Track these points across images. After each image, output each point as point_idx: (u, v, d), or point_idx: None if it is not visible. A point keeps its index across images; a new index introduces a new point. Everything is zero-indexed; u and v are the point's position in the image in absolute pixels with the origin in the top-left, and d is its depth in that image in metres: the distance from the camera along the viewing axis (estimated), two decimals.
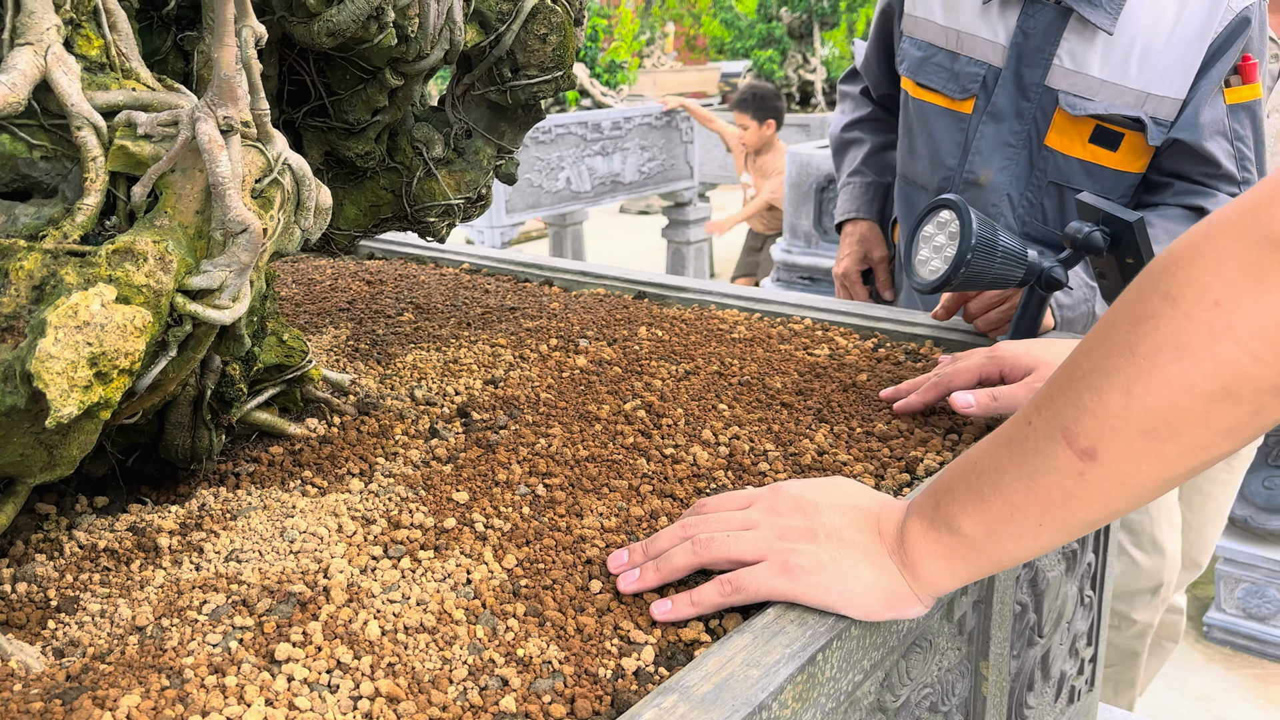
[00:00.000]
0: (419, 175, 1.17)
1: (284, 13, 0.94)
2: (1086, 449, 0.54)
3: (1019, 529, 0.58)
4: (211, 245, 0.71)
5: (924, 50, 1.51)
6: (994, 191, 1.47)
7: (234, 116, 0.69)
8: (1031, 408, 0.58)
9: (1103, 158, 1.39)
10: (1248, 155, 1.32)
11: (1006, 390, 0.89)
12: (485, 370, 1.15)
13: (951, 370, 0.94)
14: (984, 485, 0.59)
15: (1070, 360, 0.57)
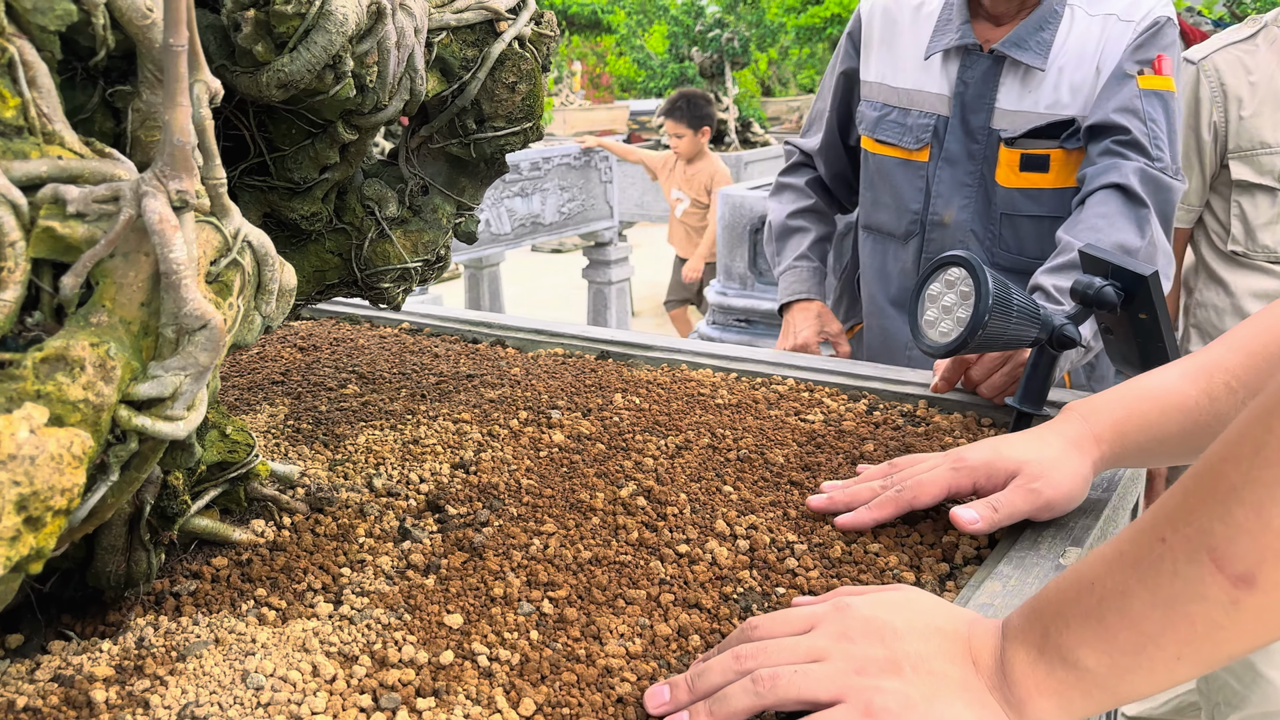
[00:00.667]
0: (371, 237, 1.06)
1: (224, 61, 0.82)
2: (1242, 574, 0.46)
3: (1152, 662, 0.50)
4: (161, 344, 0.58)
5: (879, 110, 1.60)
6: (959, 229, 1.55)
7: (188, 190, 0.57)
8: (1163, 522, 0.50)
9: (1038, 181, 1.47)
10: (1160, 137, 1.35)
11: (1004, 500, 0.80)
12: (452, 452, 1.03)
13: (914, 484, 0.84)
14: (1108, 612, 0.51)
15: (1212, 469, 0.49)
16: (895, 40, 1.57)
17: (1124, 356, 1.04)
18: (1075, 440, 0.83)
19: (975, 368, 1.09)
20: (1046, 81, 1.42)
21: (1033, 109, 1.43)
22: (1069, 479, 0.81)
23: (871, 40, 1.60)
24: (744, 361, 1.30)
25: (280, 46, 0.80)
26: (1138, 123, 1.35)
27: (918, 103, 1.54)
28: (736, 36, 5.70)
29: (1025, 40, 1.42)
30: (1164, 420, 0.81)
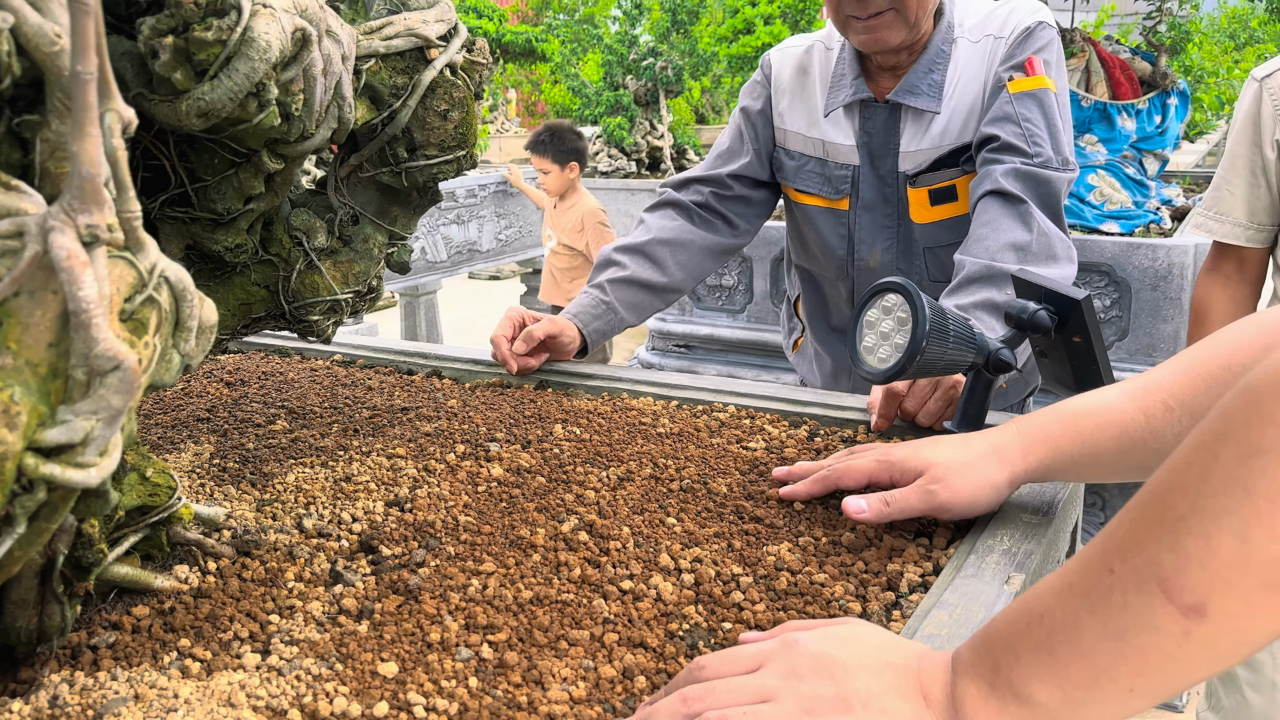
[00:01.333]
0: (299, 268, 1.03)
1: (142, 89, 0.79)
2: (1193, 605, 0.46)
3: (1105, 694, 0.50)
4: (71, 387, 0.55)
5: (796, 160, 1.61)
6: (884, 269, 1.58)
7: (99, 224, 0.54)
8: (1112, 552, 0.50)
9: (951, 210, 1.50)
10: (1037, 133, 1.38)
11: (898, 496, 0.85)
12: (386, 489, 1.00)
13: (842, 468, 0.91)
14: (1058, 645, 0.51)
15: (1158, 497, 0.49)
16: (807, 91, 1.59)
17: (1058, 379, 1.05)
18: (999, 448, 0.85)
19: (908, 399, 1.09)
20: (942, 119, 1.47)
21: (933, 145, 1.48)
22: (973, 485, 0.83)
23: (783, 89, 1.61)
24: (685, 389, 1.29)
25: (200, 74, 0.77)
26: (1010, 126, 1.38)
27: (832, 154, 1.57)
28: (670, 65, 5.75)
29: (916, 86, 1.46)
30: (1098, 435, 0.82)
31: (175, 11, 0.77)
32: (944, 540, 0.87)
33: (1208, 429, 0.48)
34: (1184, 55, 4.63)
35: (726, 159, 1.66)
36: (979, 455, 0.85)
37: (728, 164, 1.65)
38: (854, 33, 1.44)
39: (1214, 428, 0.47)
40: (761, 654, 0.60)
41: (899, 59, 1.48)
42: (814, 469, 0.96)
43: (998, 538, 0.83)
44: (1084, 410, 0.83)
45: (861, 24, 1.41)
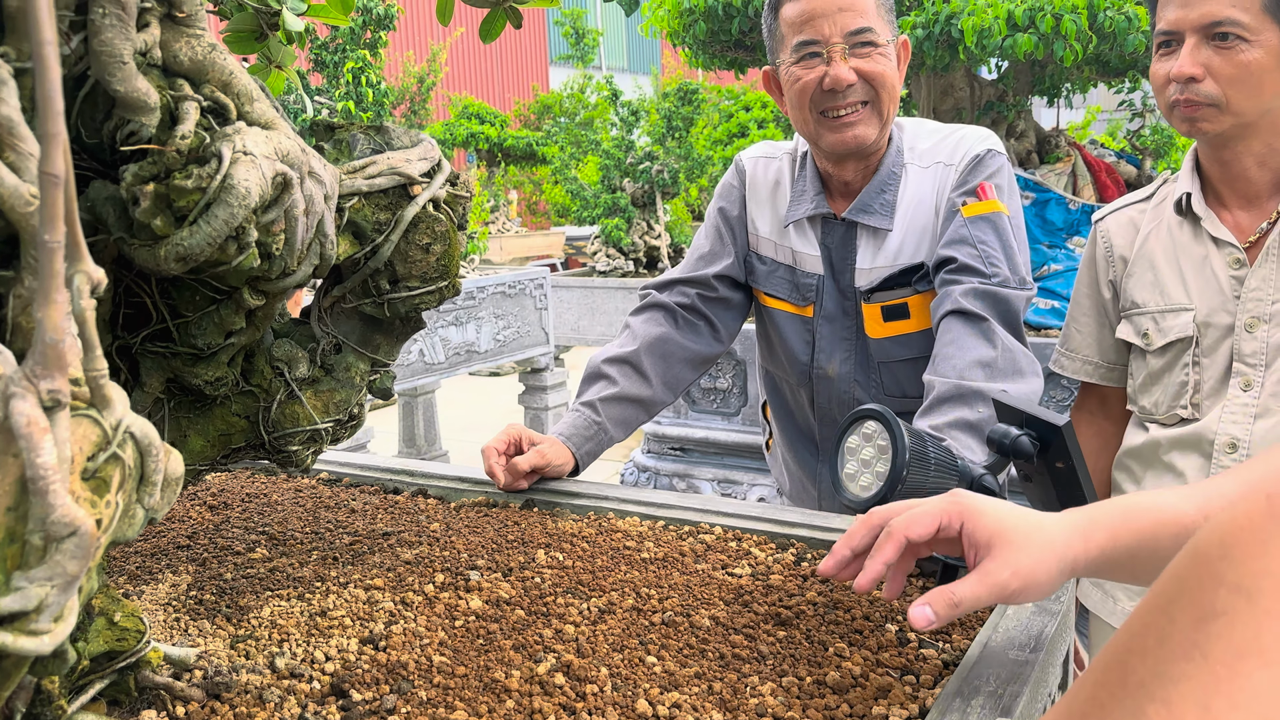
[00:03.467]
0: (279, 398, 1.03)
1: (123, 233, 0.81)
2: None
3: None
4: (28, 552, 0.54)
5: (768, 265, 1.64)
6: (843, 380, 1.60)
7: (61, 389, 0.54)
8: (1077, 715, 0.48)
9: (903, 328, 1.53)
10: (993, 254, 1.41)
11: (967, 593, 0.77)
12: (361, 624, 0.98)
13: (908, 517, 0.82)
14: None
15: (1118, 660, 0.47)
16: (777, 201, 1.62)
17: (1044, 503, 1.04)
18: (1065, 530, 0.80)
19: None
20: (894, 236, 1.51)
21: (887, 263, 1.51)
22: (1041, 572, 0.78)
23: (756, 195, 1.64)
24: (672, 509, 1.27)
25: (180, 220, 0.78)
26: (966, 248, 1.41)
27: (801, 262, 1.60)
28: (666, 169, 5.88)
29: (870, 205, 1.50)
30: (1158, 532, 0.80)
31: (157, 159, 0.79)
32: (931, 679, 0.85)
33: (1162, 590, 0.47)
34: (1168, 158, 4.73)
35: (709, 260, 1.67)
36: (1050, 537, 0.79)
37: (710, 265, 1.67)
38: (828, 131, 1.46)
39: (1168, 589, 0.46)
40: None
41: (855, 174, 1.52)
42: (860, 533, 0.86)
43: (984, 678, 0.81)
44: (1143, 506, 0.81)
45: (836, 121, 1.44)
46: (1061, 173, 3.33)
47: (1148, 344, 1.45)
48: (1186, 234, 1.42)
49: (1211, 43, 1.29)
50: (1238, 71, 1.28)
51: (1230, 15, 1.27)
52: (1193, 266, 1.40)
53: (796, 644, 0.91)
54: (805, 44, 1.42)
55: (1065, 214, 3.11)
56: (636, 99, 6.86)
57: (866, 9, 1.41)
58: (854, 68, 1.41)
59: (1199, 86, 1.30)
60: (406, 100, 10.51)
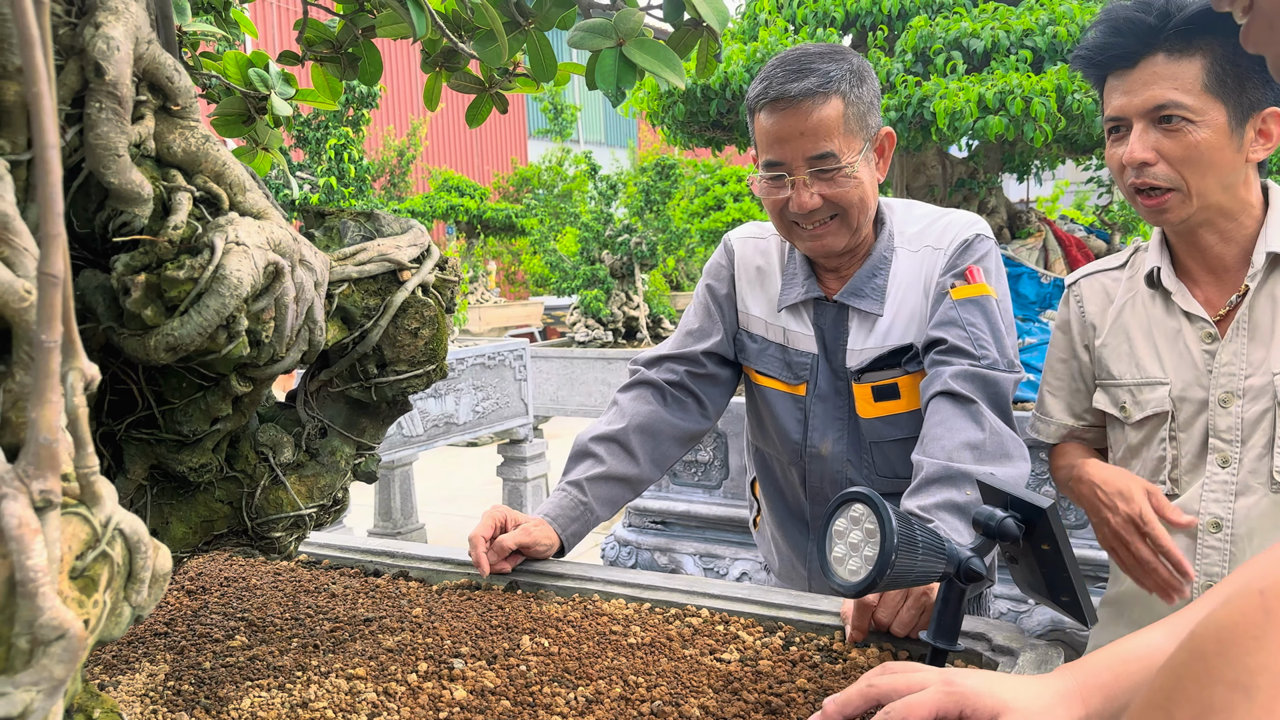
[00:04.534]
0: (264, 484, 1.02)
1: (112, 323, 0.81)
2: None
3: None
4: (13, 655, 0.53)
5: (758, 343, 1.64)
6: (835, 459, 1.59)
7: (53, 489, 0.54)
8: None
9: (893, 408, 1.53)
10: (981, 336, 1.42)
11: None
12: (343, 717, 0.96)
13: (904, 707, 0.82)
14: None
15: None
16: (766, 282, 1.63)
17: (1031, 585, 1.04)
18: (1064, 695, 0.83)
19: (880, 609, 1.08)
20: (884, 319, 1.52)
21: (877, 345, 1.52)
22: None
23: (745, 276, 1.66)
24: (657, 590, 1.26)
25: (171, 310, 0.78)
26: (956, 330, 1.43)
27: (794, 341, 1.60)
28: (644, 241, 5.95)
29: (861, 289, 1.52)
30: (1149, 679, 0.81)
31: (149, 249, 0.80)
32: None
33: (1160, 686, 0.47)
34: (1137, 232, 4.84)
35: (698, 337, 1.68)
36: (1051, 705, 0.81)
37: (699, 342, 1.67)
38: (799, 240, 1.49)
39: (1166, 685, 0.46)
40: None
41: (842, 262, 1.54)
42: (856, 701, 0.86)
43: None
44: (1133, 655, 0.83)
45: (807, 233, 1.46)
46: (1033, 248, 3.40)
47: (1126, 416, 1.45)
48: (1159, 307, 1.42)
49: (1158, 126, 1.29)
50: (1188, 153, 1.28)
51: (1172, 98, 1.27)
52: (1166, 340, 1.39)
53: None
54: (771, 164, 1.44)
55: (1038, 288, 3.17)
56: (614, 173, 6.95)
57: (830, 130, 1.40)
58: (817, 192, 1.42)
59: (1154, 170, 1.30)
60: (386, 173, 10.62)
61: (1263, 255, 1.31)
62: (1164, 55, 1.28)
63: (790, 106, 1.39)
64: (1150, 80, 1.29)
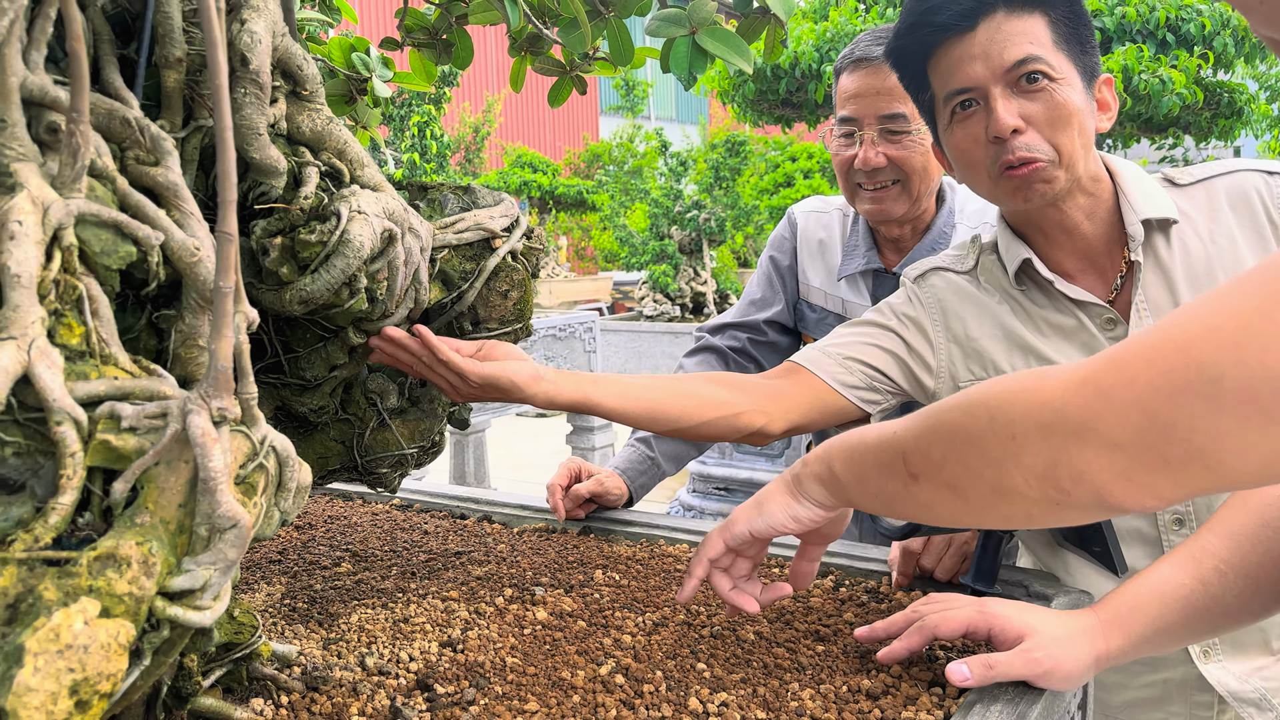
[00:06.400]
0: (372, 426, 1.15)
1: (252, 280, 0.94)
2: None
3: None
4: (195, 541, 0.66)
5: (818, 314, 1.73)
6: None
7: (228, 408, 0.66)
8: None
9: None
10: None
11: (1002, 661, 0.88)
12: (440, 630, 1.09)
13: (938, 618, 0.94)
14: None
15: None
16: (827, 254, 1.73)
17: (1063, 534, 1.12)
18: (1087, 629, 0.92)
19: (924, 556, 1.17)
20: None
21: None
22: (1072, 659, 0.89)
23: (807, 248, 1.75)
24: None
25: (303, 268, 0.91)
26: None
27: (851, 311, 1.68)
28: (713, 217, 6.03)
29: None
30: (1164, 611, 0.91)
31: (284, 216, 0.93)
32: (956, 689, 0.93)
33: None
34: None
35: (760, 306, 1.79)
36: (1075, 633, 0.91)
37: (761, 311, 1.78)
38: (861, 202, 1.58)
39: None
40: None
41: (903, 233, 1.61)
42: (899, 622, 0.98)
43: (1004, 687, 0.90)
44: (1147, 590, 0.92)
45: (869, 195, 1.55)
46: None
47: None
48: (1038, 304, 1.23)
49: (1019, 89, 1.12)
50: (1057, 113, 1.11)
51: (1032, 52, 1.11)
52: (1062, 336, 1.21)
53: (834, 657, 1.00)
54: (845, 120, 1.54)
55: None
56: (684, 149, 7.03)
57: (904, 93, 1.42)
58: (883, 151, 1.50)
59: (1023, 139, 1.12)
60: (462, 149, 10.86)
61: (1138, 225, 1.16)
62: (1004, 11, 1.12)
63: (870, 66, 1.49)
64: (1000, 39, 1.11)
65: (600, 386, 1.18)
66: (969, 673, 0.87)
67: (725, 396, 1.25)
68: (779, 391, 1.29)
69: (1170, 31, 3.34)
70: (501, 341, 1.13)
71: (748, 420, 1.24)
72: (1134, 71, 2.77)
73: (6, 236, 0.64)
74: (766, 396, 1.27)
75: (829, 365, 1.30)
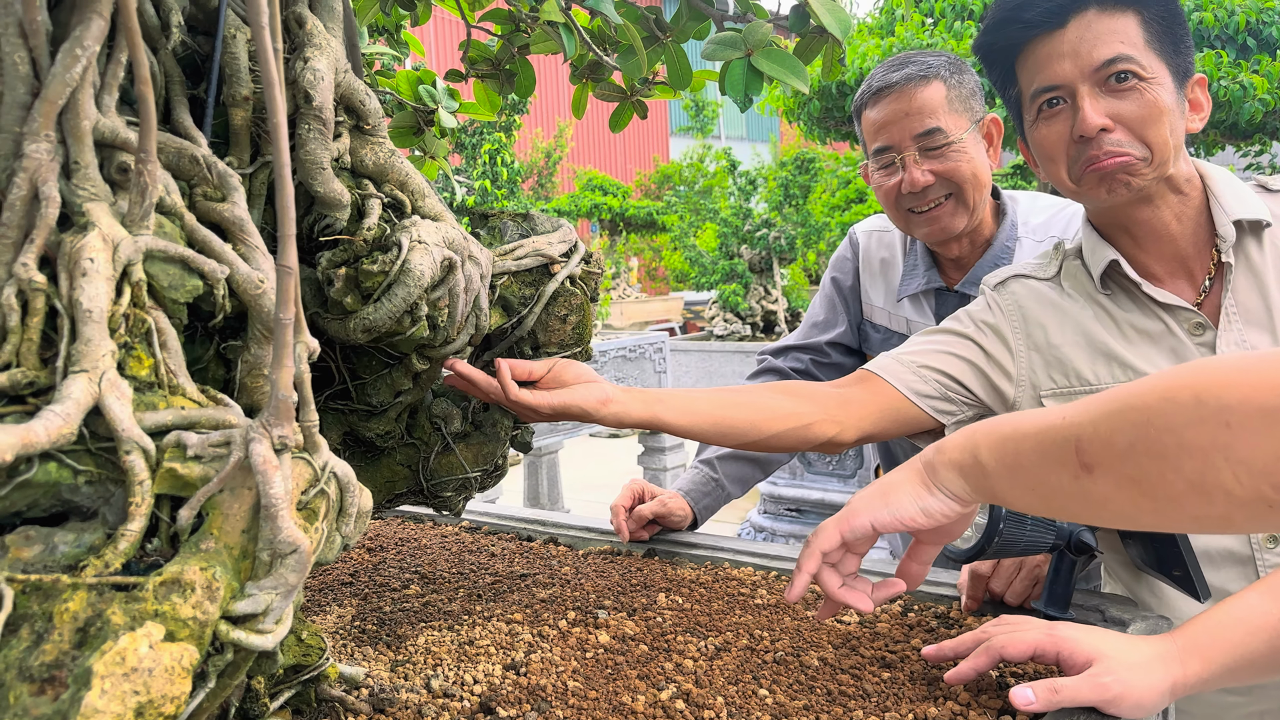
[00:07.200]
0: (436, 450, 1.17)
1: (318, 309, 0.96)
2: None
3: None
4: (257, 566, 0.68)
5: (881, 334, 1.70)
6: None
7: (289, 436, 0.68)
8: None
9: None
10: None
11: (1069, 685, 0.85)
12: (504, 653, 1.10)
13: (1006, 639, 0.91)
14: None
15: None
16: (889, 274, 1.70)
17: (1143, 559, 1.08)
18: (1163, 655, 0.87)
19: (994, 580, 1.14)
20: None
21: None
22: (1143, 686, 0.85)
23: (869, 268, 1.72)
24: (784, 560, 1.36)
25: (366, 298, 0.93)
26: None
27: (915, 330, 1.63)
28: (783, 235, 6.00)
29: (982, 279, 1.51)
30: (1250, 641, 0.87)
31: (348, 247, 0.95)
32: (1026, 718, 0.90)
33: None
34: None
35: (823, 328, 1.77)
36: (1149, 658, 0.86)
37: (824, 333, 1.76)
38: (917, 227, 1.54)
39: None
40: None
41: (963, 250, 1.57)
42: (967, 643, 0.96)
43: (1074, 715, 0.87)
44: (1233, 620, 0.87)
45: (924, 217, 1.51)
46: None
47: None
48: (1123, 308, 1.20)
49: (1108, 88, 1.11)
50: (1148, 112, 1.10)
51: (1122, 52, 1.10)
52: (1149, 342, 1.18)
53: (900, 685, 0.98)
54: (881, 150, 1.50)
55: None
56: (754, 168, 7.02)
57: (935, 108, 1.45)
58: (929, 169, 1.46)
59: (1112, 137, 1.11)
60: (534, 175, 11.02)
61: (1229, 226, 1.13)
62: (1095, 10, 1.11)
63: (894, 92, 1.46)
64: (1090, 38, 1.11)
65: (667, 404, 1.19)
66: (1033, 697, 0.84)
67: (795, 407, 1.24)
68: (850, 399, 1.27)
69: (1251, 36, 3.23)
70: (574, 361, 1.14)
71: (819, 430, 1.23)
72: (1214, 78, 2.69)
73: (79, 273, 0.67)
74: (838, 405, 1.26)
75: (903, 373, 1.28)
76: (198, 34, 0.93)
